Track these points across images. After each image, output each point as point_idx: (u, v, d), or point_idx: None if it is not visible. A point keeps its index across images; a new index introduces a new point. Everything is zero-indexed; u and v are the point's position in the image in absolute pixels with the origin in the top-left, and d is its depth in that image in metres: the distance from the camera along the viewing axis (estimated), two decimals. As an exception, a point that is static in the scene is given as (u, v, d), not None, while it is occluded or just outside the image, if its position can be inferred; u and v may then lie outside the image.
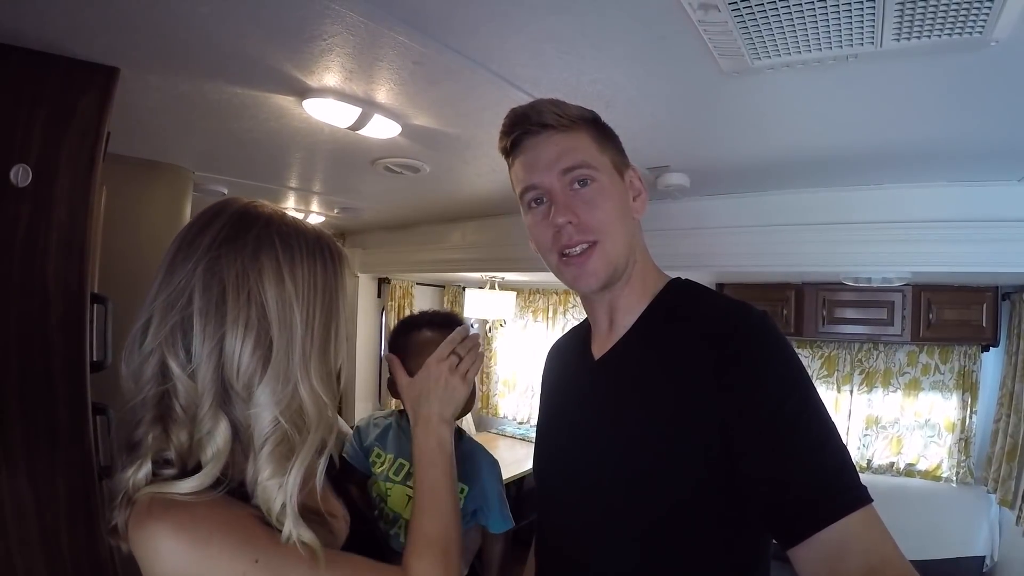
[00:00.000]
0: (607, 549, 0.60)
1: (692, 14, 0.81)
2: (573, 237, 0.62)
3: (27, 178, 1.01)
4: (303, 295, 0.52)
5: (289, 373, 0.51)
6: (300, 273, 0.53)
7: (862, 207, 1.79)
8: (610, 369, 0.66)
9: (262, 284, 0.51)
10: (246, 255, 0.51)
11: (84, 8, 0.89)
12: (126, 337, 0.54)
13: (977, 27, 0.79)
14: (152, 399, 0.50)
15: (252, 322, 0.50)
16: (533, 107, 0.64)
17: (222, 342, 0.49)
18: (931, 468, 2.65)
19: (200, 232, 0.52)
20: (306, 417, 0.52)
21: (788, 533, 0.51)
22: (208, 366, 0.49)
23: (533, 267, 2.56)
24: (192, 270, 0.50)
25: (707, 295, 0.67)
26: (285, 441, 0.51)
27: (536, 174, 0.64)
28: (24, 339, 1.00)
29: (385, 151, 1.62)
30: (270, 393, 0.50)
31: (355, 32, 0.92)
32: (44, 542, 1.00)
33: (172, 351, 0.49)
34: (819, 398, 0.55)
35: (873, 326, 2.52)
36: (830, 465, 0.51)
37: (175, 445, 0.49)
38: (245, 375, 0.50)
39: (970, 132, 1.28)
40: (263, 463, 0.50)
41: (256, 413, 0.50)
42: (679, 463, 0.57)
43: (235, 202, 0.56)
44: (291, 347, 0.51)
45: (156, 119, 1.40)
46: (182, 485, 0.47)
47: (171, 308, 0.49)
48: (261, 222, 0.53)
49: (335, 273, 0.56)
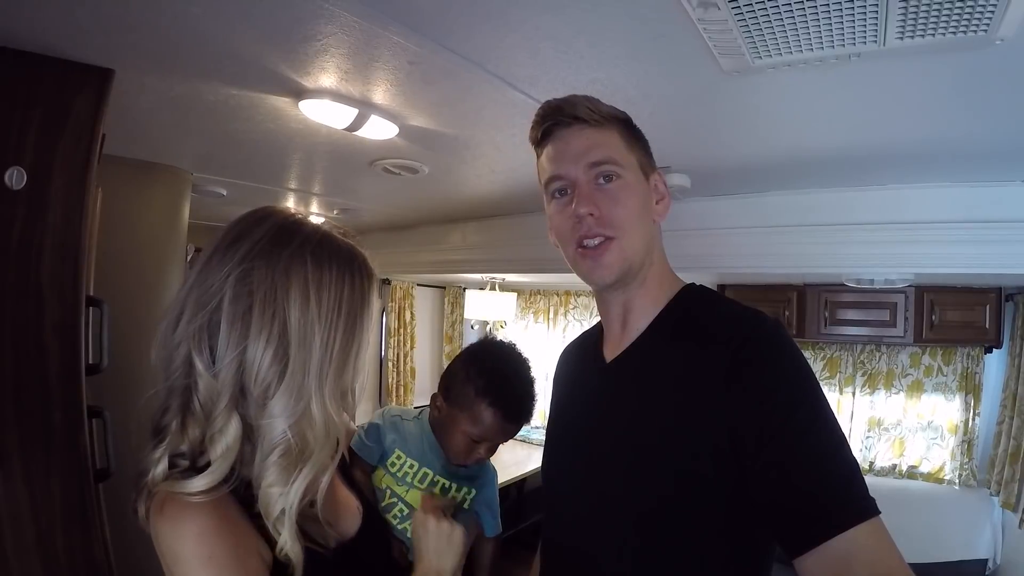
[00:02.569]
0: (613, 551, 0.60)
1: (691, 12, 0.80)
2: (592, 229, 0.63)
3: (22, 180, 1.00)
4: (326, 317, 0.55)
5: (303, 390, 0.54)
6: (326, 296, 0.55)
7: (865, 208, 1.78)
8: (621, 372, 0.67)
9: (288, 303, 0.53)
10: (278, 272, 0.53)
11: (77, 9, 0.88)
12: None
13: (982, 25, 0.78)
14: (179, 388, 0.53)
15: (273, 337, 0.53)
16: (567, 100, 0.65)
17: (244, 350, 0.52)
18: (934, 470, 2.64)
19: (238, 239, 0.55)
20: (314, 434, 0.54)
21: (795, 541, 0.50)
22: (229, 369, 0.52)
23: (534, 268, 2.55)
24: (225, 277, 0.53)
25: (721, 301, 0.68)
26: (290, 452, 0.53)
27: (563, 165, 0.64)
28: (19, 342, 1.00)
29: (383, 152, 1.61)
30: (283, 406, 0.53)
31: (349, 32, 0.91)
32: (40, 545, 0.99)
33: (198, 348, 0.52)
34: (830, 408, 0.55)
35: (875, 327, 2.51)
36: (839, 475, 0.51)
37: (188, 439, 0.52)
38: (262, 384, 0.53)
39: (974, 132, 1.27)
40: (268, 469, 0.52)
41: (268, 423, 0.53)
42: (687, 468, 0.57)
43: (278, 214, 0.58)
44: (308, 365, 0.54)
45: (153, 120, 1.39)
46: (194, 483, 0.49)
47: (202, 308, 0.53)
48: (297, 240, 0.55)
49: (362, 296, 0.58)
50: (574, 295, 3.76)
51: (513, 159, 1.63)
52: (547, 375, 0.91)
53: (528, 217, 2.46)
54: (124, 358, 1.23)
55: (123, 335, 1.22)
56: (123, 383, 1.22)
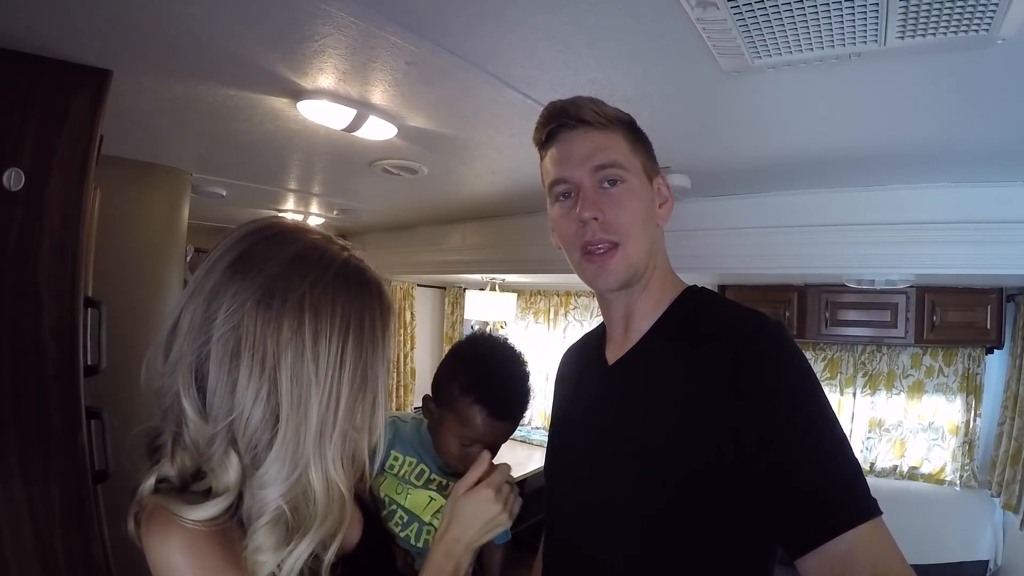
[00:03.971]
0: (615, 551, 0.61)
1: (690, 12, 0.80)
2: (597, 234, 0.62)
3: (20, 182, 1.00)
4: (326, 373, 0.48)
5: (298, 457, 0.47)
6: (325, 348, 0.47)
7: (865, 208, 1.77)
8: (624, 374, 0.67)
9: (279, 356, 0.46)
10: (269, 318, 0.47)
11: (75, 10, 0.88)
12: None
13: (983, 25, 0.77)
14: (172, 415, 0.49)
15: (262, 396, 0.47)
16: (572, 102, 0.65)
17: (232, 403, 0.47)
18: (934, 471, 2.63)
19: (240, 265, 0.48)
20: (314, 505, 0.48)
21: (796, 542, 0.50)
22: (220, 417, 0.47)
23: (534, 268, 2.55)
24: (214, 313, 0.47)
25: (723, 303, 0.68)
26: (283, 522, 0.48)
27: (568, 168, 0.64)
28: (17, 343, 1.00)
29: (382, 153, 1.61)
30: (275, 474, 0.47)
31: (346, 33, 0.91)
32: (38, 546, 0.99)
33: (186, 391, 0.47)
34: (832, 410, 0.55)
35: (876, 328, 2.50)
36: (841, 476, 0.51)
37: (177, 465, 0.48)
38: (250, 446, 0.47)
39: (975, 132, 1.26)
40: (256, 536, 0.47)
41: (259, 494, 0.47)
42: (689, 469, 0.57)
43: (292, 246, 0.50)
44: (303, 430, 0.47)
45: (151, 121, 1.39)
46: (193, 512, 0.46)
47: (191, 343, 0.47)
48: (303, 285, 0.48)
49: (372, 342, 0.50)
50: (574, 295, 3.75)
51: (512, 159, 1.62)
52: (548, 376, 0.91)
53: (528, 217, 2.46)
54: (123, 359, 1.23)
55: (122, 336, 1.22)
56: (121, 384, 1.22)
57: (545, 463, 0.78)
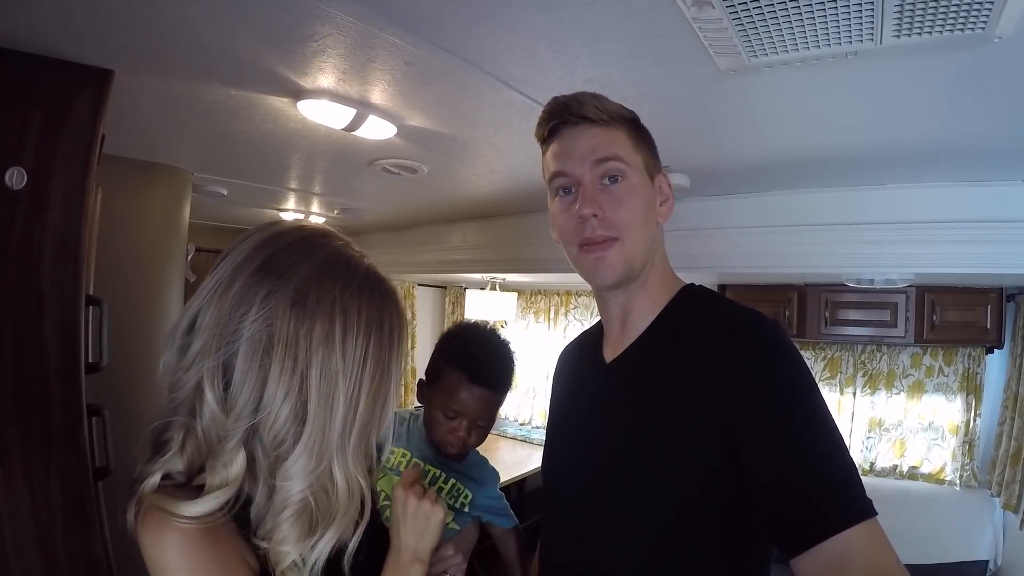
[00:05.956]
0: (611, 551, 0.61)
1: (686, 11, 0.80)
2: (596, 231, 0.62)
3: (22, 181, 1.01)
4: (351, 371, 0.51)
5: (323, 451, 0.50)
6: (351, 348, 0.51)
7: (864, 207, 1.77)
8: (621, 372, 0.67)
9: (310, 354, 0.49)
10: (304, 318, 0.49)
11: (77, 10, 0.88)
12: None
13: (980, 23, 0.77)
14: (185, 407, 0.50)
15: (293, 392, 0.49)
16: (575, 98, 0.65)
17: (261, 397, 0.49)
18: (934, 471, 2.63)
19: (268, 268, 0.50)
20: (336, 497, 0.51)
21: (791, 542, 0.50)
22: (243, 410, 0.49)
23: (534, 268, 2.55)
24: (245, 312, 0.49)
25: (720, 302, 0.68)
26: (307, 513, 0.50)
27: (568, 163, 0.64)
28: (19, 341, 1.00)
29: (382, 152, 1.61)
30: (301, 467, 0.49)
31: (346, 33, 0.92)
32: (39, 543, 1.00)
33: (211, 382, 0.49)
34: (828, 409, 0.55)
35: (876, 328, 2.50)
36: (836, 476, 0.51)
37: (186, 461, 0.50)
38: (277, 440, 0.49)
39: (973, 131, 1.26)
40: (281, 527, 0.49)
41: (285, 486, 0.49)
42: (686, 468, 0.57)
43: (321, 251, 0.53)
44: (330, 425, 0.50)
45: (153, 121, 1.40)
46: (188, 508, 0.47)
47: (219, 339, 0.49)
48: (335, 289, 0.51)
49: (389, 345, 0.54)
50: (575, 295, 3.75)
51: (512, 159, 1.63)
52: (547, 374, 0.92)
53: (528, 217, 2.46)
54: (124, 357, 1.24)
55: (123, 334, 1.22)
56: (123, 382, 1.23)
57: (542, 461, 0.78)
